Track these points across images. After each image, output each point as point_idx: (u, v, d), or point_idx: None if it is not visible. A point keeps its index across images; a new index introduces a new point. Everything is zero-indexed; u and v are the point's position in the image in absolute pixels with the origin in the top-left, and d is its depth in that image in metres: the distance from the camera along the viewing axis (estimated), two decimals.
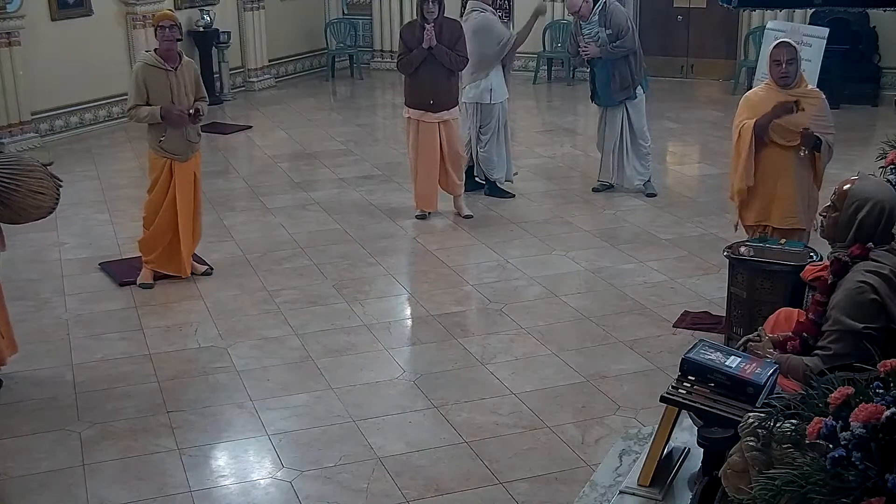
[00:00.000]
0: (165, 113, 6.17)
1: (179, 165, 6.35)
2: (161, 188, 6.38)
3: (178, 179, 6.35)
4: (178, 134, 6.27)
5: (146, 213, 6.51)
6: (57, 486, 4.26)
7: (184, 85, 6.26)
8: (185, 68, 6.29)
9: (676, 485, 3.36)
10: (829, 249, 3.74)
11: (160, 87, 6.19)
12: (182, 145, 6.32)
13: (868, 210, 3.53)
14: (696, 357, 3.19)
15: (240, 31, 13.14)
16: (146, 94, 6.19)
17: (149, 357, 5.48)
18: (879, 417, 1.94)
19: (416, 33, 7.44)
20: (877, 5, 8.35)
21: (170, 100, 6.20)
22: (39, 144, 10.23)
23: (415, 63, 7.44)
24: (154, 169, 6.41)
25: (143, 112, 6.21)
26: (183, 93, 6.26)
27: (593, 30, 8.06)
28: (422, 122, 7.60)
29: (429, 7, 7.36)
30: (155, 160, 6.39)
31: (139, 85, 6.19)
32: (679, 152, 10.51)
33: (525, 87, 13.58)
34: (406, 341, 5.78)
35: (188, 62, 6.38)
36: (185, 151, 6.35)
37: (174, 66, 6.21)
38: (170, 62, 6.20)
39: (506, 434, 4.62)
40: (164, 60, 6.18)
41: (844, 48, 10.95)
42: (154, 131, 6.28)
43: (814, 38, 7.99)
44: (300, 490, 4.21)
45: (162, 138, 6.27)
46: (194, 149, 6.42)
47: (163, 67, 6.18)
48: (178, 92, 6.23)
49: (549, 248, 7.15)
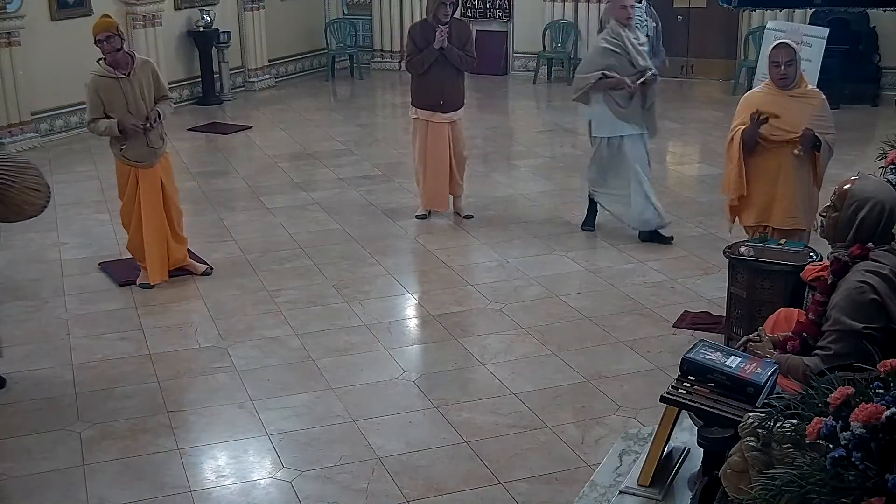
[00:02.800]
0: (122, 126, 6.10)
1: (144, 172, 6.30)
2: (130, 195, 6.35)
3: (143, 186, 6.31)
4: (139, 142, 6.21)
5: (122, 220, 6.52)
6: (57, 486, 4.26)
7: (139, 90, 6.14)
8: (139, 71, 6.16)
9: (676, 485, 3.36)
10: (829, 249, 3.74)
11: (114, 96, 6.10)
12: (144, 153, 6.25)
13: (868, 210, 3.53)
14: (696, 357, 3.19)
15: (240, 31, 13.14)
16: (102, 106, 6.12)
17: (149, 357, 5.48)
18: (879, 417, 1.94)
19: (427, 33, 7.44)
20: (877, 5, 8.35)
21: (125, 108, 6.11)
22: (39, 144, 10.24)
23: (426, 63, 7.44)
24: (120, 177, 6.39)
25: (101, 126, 6.14)
26: (139, 98, 6.15)
27: (641, 36, 7.22)
28: (431, 122, 7.60)
29: (445, 10, 7.37)
30: (121, 168, 6.36)
31: (93, 98, 6.11)
32: (679, 152, 10.51)
33: (525, 87, 13.60)
34: (406, 341, 5.78)
35: (143, 63, 6.24)
36: (148, 158, 6.28)
37: (126, 72, 6.11)
38: (120, 69, 6.10)
39: (506, 434, 4.62)
40: (114, 69, 6.09)
41: (844, 48, 10.95)
42: (116, 141, 6.23)
43: (814, 38, 7.99)
44: (300, 490, 4.21)
45: (122, 147, 6.22)
46: (158, 154, 6.33)
47: (114, 76, 6.09)
48: (133, 99, 6.13)
49: (549, 248, 7.15)
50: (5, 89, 9.88)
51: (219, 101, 12.53)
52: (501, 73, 14.21)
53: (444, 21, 7.38)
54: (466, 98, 7.89)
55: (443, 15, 7.38)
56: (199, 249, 6.94)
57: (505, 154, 10.21)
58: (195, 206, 8.04)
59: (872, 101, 11.73)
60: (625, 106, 7.05)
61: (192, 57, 12.41)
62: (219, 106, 12.40)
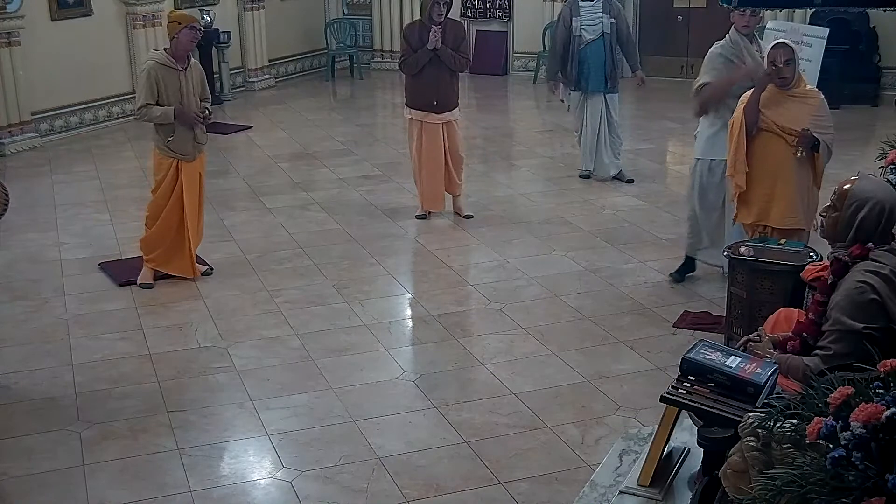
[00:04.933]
0: (179, 113, 6.18)
1: (186, 166, 6.35)
2: (166, 188, 6.37)
3: (184, 179, 6.36)
4: (186, 135, 6.27)
5: (149, 213, 6.50)
6: (57, 486, 4.26)
7: (192, 85, 6.28)
8: (193, 69, 6.32)
9: (676, 485, 3.37)
10: (829, 249, 3.74)
11: (172, 86, 6.19)
12: (189, 146, 6.32)
13: (868, 210, 3.53)
14: (696, 357, 3.19)
15: (240, 31, 13.14)
16: (157, 93, 6.18)
17: (149, 357, 5.48)
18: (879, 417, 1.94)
19: (421, 34, 7.44)
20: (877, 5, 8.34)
21: (179, 100, 6.20)
22: (39, 144, 10.24)
23: (420, 64, 7.45)
24: (160, 169, 6.40)
25: (155, 112, 6.18)
26: (192, 93, 6.28)
27: (594, 17, 8.32)
28: (425, 122, 7.61)
29: (438, 10, 7.37)
30: (161, 160, 6.38)
31: (152, 84, 6.16)
32: (679, 152, 10.50)
33: (525, 87, 13.60)
34: (406, 341, 5.78)
35: (195, 64, 6.42)
36: (192, 152, 6.35)
37: (184, 66, 6.23)
38: (181, 62, 6.21)
39: (506, 434, 4.62)
40: (176, 60, 6.19)
41: (844, 48, 10.95)
42: (162, 132, 6.27)
43: (814, 38, 7.98)
44: (300, 490, 4.21)
45: (170, 139, 6.26)
46: (200, 149, 6.43)
47: (175, 67, 6.18)
48: (186, 92, 6.24)
49: (549, 248, 7.15)
50: (5, 89, 9.88)
51: (219, 101, 12.50)
52: (501, 73, 14.20)
53: (437, 21, 7.38)
54: (466, 98, 7.91)
55: (436, 15, 7.39)
56: (200, 249, 6.91)
57: (505, 154, 10.21)
58: None
59: (872, 101, 11.72)
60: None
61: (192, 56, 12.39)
62: (219, 106, 12.38)
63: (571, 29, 8.42)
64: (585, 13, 8.42)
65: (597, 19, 8.41)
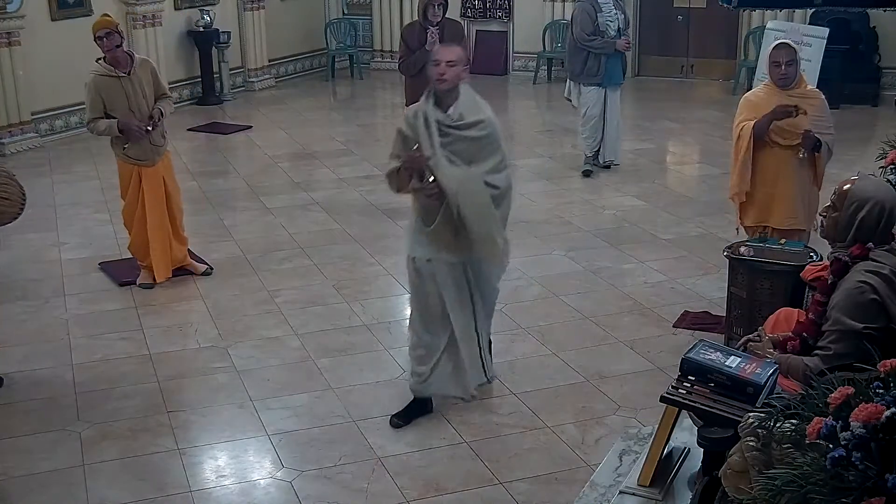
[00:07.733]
0: (123, 126, 6.07)
1: (147, 171, 6.29)
2: (133, 195, 6.34)
3: (146, 185, 6.30)
4: (141, 140, 6.19)
5: (124, 220, 6.50)
6: (57, 486, 4.26)
7: (140, 88, 6.12)
8: (139, 70, 6.14)
9: (676, 485, 3.36)
10: (829, 249, 3.74)
11: (116, 94, 6.07)
12: (147, 151, 6.24)
13: (868, 210, 3.53)
14: (696, 357, 3.19)
15: (240, 31, 13.14)
16: (103, 105, 6.09)
17: (149, 357, 5.48)
18: (879, 417, 1.94)
19: (419, 35, 7.44)
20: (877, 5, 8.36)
21: (127, 106, 6.09)
22: (39, 144, 10.24)
23: (419, 65, 7.44)
24: (123, 177, 6.37)
25: (101, 126, 6.10)
26: (140, 96, 6.13)
27: (612, 13, 8.60)
28: None
29: (434, 11, 7.37)
30: (122, 168, 6.34)
31: (94, 97, 6.08)
32: (679, 152, 10.51)
33: (525, 87, 13.59)
34: (406, 341, 5.76)
35: (142, 62, 6.22)
36: (151, 157, 6.27)
37: (126, 70, 6.08)
38: (120, 68, 6.07)
39: (506, 434, 4.62)
40: (114, 67, 6.06)
41: (844, 48, 10.95)
42: (118, 140, 6.20)
43: (814, 38, 7.99)
44: (300, 490, 4.20)
45: (125, 146, 6.20)
46: (160, 152, 6.33)
47: (114, 75, 6.06)
48: (134, 97, 6.10)
49: (549, 248, 7.15)
50: (5, 89, 9.88)
51: (219, 101, 12.53)
52: (501, 73, 14.19)
53: (433, 22, 7.38)
54: None
55: (432, 15, 7.39)
56: (199, 249, 6.93)
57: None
58: (195, 205, 8.03)
59: (872, 101, 11.72)
60: None
61: (192, 57, 12.41)
62: (219, 106, 12.40)
63: (597, 25, 8.54)
64: (606, 10, 8.58)
65: (614, 15, 8.61)
